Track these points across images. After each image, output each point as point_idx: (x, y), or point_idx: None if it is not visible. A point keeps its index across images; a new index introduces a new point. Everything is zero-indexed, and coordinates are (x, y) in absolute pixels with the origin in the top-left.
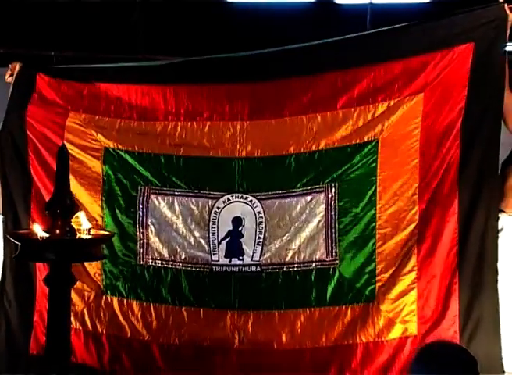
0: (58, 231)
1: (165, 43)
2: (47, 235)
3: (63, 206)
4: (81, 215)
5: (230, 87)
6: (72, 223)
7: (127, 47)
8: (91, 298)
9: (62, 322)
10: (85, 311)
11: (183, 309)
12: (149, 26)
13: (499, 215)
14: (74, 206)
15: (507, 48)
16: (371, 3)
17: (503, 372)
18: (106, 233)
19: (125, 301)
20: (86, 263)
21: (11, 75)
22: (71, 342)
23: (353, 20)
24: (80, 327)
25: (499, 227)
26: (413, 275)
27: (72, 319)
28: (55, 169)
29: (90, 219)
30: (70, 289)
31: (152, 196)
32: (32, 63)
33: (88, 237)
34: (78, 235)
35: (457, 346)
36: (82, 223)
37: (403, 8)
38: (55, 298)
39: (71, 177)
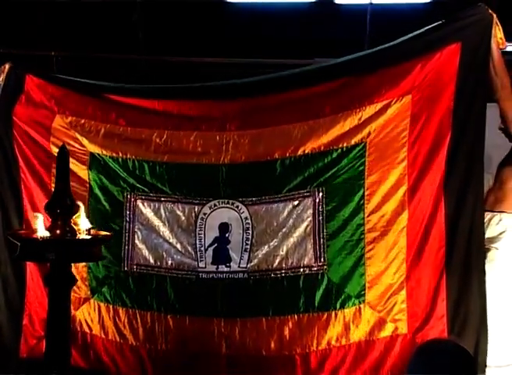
0: (58, 231)
1: (165, 43)
2: (47, 235)
3: (63, 206)
4: (81, 215)
5: (220, 102)
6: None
7: (127, 47)
8: (81, 302)
9: (62, 322)
10: (76, 314)
11: (169, 317)
12: (149, 26)
13: (502, 216)
14: (74, 206)
15: (508, 49)
16: (371, 3)
17: (484, 371)
18: (106, 233)
19: (111, 307)
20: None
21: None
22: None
23: (353, 20)
24: (74, 331)
25: (503, 229)
26: (402, 276)
27: None
28: (42, 171)
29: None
30: (70, 289)
31: (138, 202)
32: (22, 64)
33: (88, 237)
34: (78, 235)
35: (454, 344)
36: (80, 223)
37: (403, 9)
38: (55, 298)
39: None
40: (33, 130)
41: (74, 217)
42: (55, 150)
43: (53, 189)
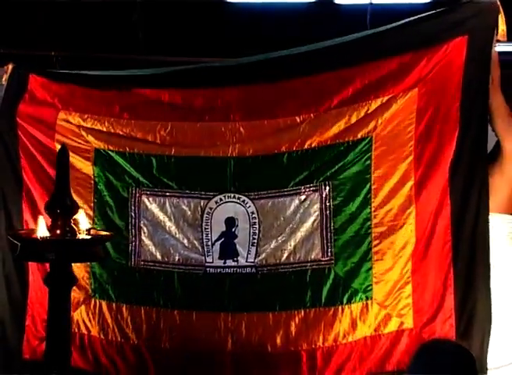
0: (58, 231)
1: (165, 43)
2: (47, 235)
3: (63, 206)
4: (80, 215)
5: (224, 90)
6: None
7: (127, 47)
8: (80, 301)
9: (62, 322)
10: (74, 315)
11: (176, 312)
12: (149, 26)
13: None
14: (74, 206)
15: (499, 49)
16: (371, 3)
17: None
18: (106, 233)
19: (114, 304)
20: (74, 266)
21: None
22: (71, 343)
23: (353, 20)
24: (72, 332)
25: None
26: (409, 271)
27: None
28: (46, 169)
29: None
30: (70, 289)
31: (144, 197)
32: (24, 63)
33: (88, 237)
34: (78, 235)
35: (455, 345)
36: (80, 223)
37: (403, 9)
38: (55, 299)
39: None
40: (38, 129)
41: (74, 217)
42: (59, 147)
43: None
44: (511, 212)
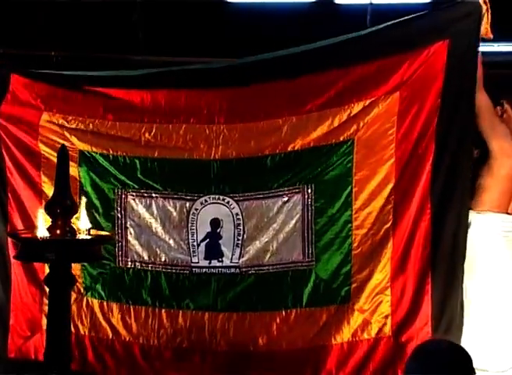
0: (58, 231)
1: (165, 43)
2: (47, 235)
3: (63, 206)
4: (82, 215)
5: (208, 92)
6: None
7: (127, 47)
8: (72, 300)
9: (62, 322)
10: None
11: (163, 311)
12: (149, 26)
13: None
14: (74, 206)
15: (481, 49)
16: (371, 3)
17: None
18: (106, 233)
19: (105, 303)
20: None
21: None
22: (71, 343)
23: (353, 20)
24: None
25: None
26: (387, 276)
27: None
28: (29, 170)
29: None
30: (70, 289)
31: (130, 198)
32: (7, 63)
33: (88, 237)
34: (78, 235)
35: (451, 344)
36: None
37: (403, 9)
38: (55, 299)
39: (47, 180)
40: (20, 129)
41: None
42: (43, 148)
43: (43, 188)
44: (505, 210)
